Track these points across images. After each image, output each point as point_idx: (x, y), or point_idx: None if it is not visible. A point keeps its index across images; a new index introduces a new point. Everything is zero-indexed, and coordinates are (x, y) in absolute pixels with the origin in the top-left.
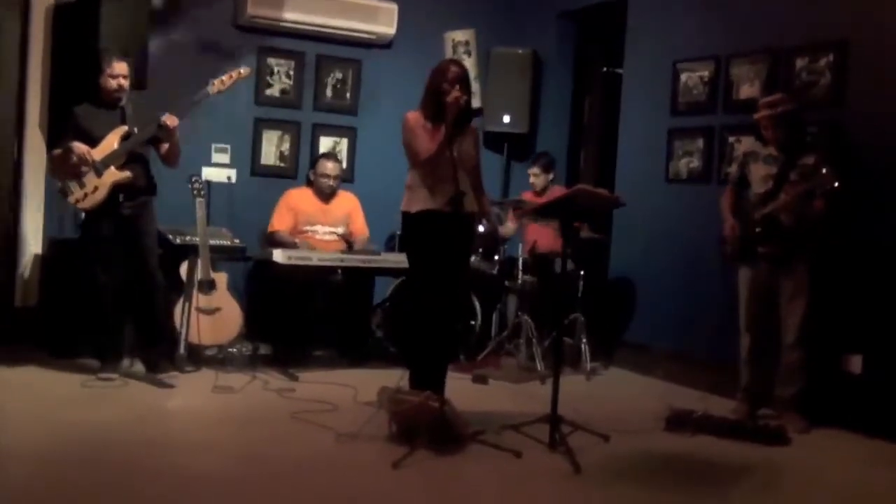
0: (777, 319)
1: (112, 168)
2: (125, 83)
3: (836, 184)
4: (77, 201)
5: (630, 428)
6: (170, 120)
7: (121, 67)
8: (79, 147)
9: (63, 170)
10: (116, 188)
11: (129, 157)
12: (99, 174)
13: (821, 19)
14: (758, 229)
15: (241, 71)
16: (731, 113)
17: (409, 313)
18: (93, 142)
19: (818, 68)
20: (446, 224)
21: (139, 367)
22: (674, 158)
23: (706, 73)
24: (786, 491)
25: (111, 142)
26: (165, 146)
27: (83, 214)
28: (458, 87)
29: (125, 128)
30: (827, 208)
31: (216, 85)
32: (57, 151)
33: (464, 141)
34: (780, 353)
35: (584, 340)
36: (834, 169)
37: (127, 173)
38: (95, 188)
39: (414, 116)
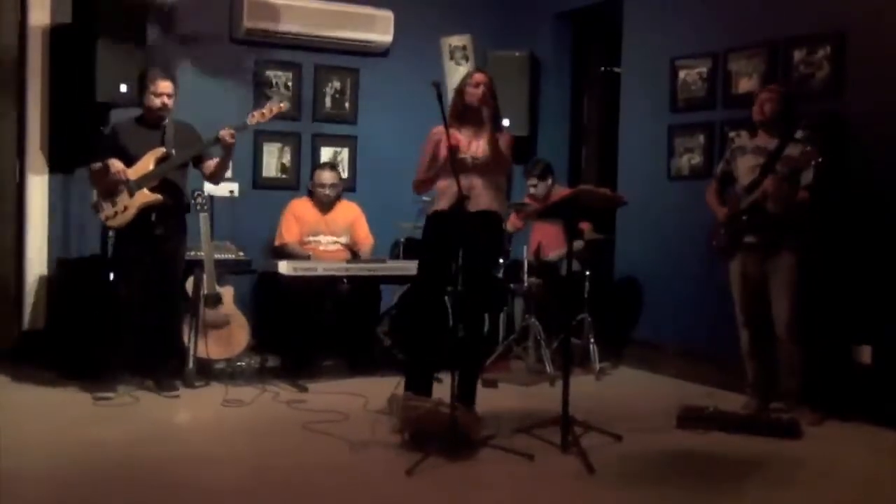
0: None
1: (145, 189)
2: (169, 102)
3: (819, 158)
4: (107, 219)
5: (642, 426)
6: (228, 135)
7: (165, 86)
8: (115, 164)
9: (100, 185)
10: (146, 209)
11: (163, 180)
12: (131, 194)
13: (818, 11)
14: (744, 217)
15: (282, 105)
16: (730, 108)
17: (410, 315)
18: (129, 160)
19: (816, 60)
20: (450, 224)
21: (148, 384)
22: (675, 155)
23: (704, 69)
24: (800, 484)
25: (147, 163)
26: (211, 163)
27: (111, 232)
28: (480, 87)
29: (163, 150)
30: (813, 198)
31: (255, 116)
32: (96, 166)
33: (480, 141)
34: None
35: (593, 340)
36: (816, 146)
37: (158, 196)
38: (125, 208)
39: (434, 132)
